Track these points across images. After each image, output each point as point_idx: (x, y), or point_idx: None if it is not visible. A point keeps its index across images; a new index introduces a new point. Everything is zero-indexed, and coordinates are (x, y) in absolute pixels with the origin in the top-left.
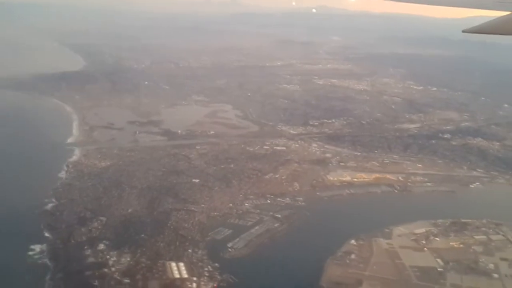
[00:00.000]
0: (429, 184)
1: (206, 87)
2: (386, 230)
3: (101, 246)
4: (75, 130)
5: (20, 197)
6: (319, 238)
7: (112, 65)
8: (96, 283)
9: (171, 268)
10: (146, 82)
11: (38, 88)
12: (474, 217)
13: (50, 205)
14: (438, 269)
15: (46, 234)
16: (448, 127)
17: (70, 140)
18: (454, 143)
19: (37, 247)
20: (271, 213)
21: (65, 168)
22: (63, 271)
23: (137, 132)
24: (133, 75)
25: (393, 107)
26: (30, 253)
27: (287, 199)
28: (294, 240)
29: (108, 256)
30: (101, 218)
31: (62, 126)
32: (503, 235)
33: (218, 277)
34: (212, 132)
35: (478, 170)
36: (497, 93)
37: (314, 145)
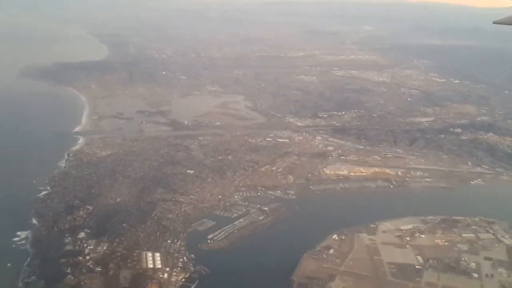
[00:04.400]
0: (428, 179)
1: (222, 77)
2: (372, 225)
3: (82, 235)
4: (84, 119)
5: (18, 184)
6: (302, 232)
7: (134, 55)
8: (68, 270)
9: (146, 258)
10: (164, 72)
11: (57, 77)
12: (467, 214)
13: (43, 193)
14: (416, 267)
15: (34, 221)
16: (462, 121)
17: (77, 129)
18: (463, 137)
19: (23, 234)
20: (258, 205)
21: (66, 156)
22: (41, 258)
23: (144, 122)
24: (152, 65)
25: (408, 99)
26: (15, 239)
27: (278, 192)
28: (276, 234)
29: (85, 245)
30: (88, 207)
31: (72, 115)
32: (493, 234)
33: (192, 268)
34: (218, 123)
35: (483, 166)
36: None
37: (318, 137)
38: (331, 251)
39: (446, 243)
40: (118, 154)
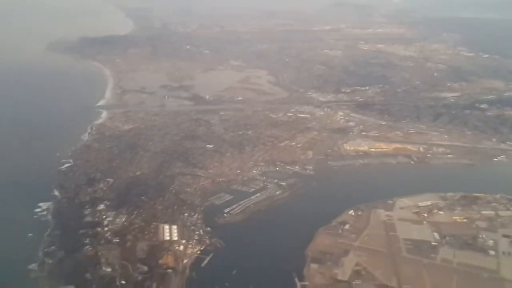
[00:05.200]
0: (450, 156)
1: (246, 52)
2: (390, 201)
3: (101, 206)
4: (107, 93)
5: (41, 156)
6: (318, 207)
7: (159, 29)
8: (87, 241)
9: (163, 231)
10: (188, 47)
11: (83, 52)
12: (488, 191)
13: (66, 165)
14: (432, 243)
15: (56, 193)
16: (488, 97)
17: (100, 102)
18: (489, 113)
19: (45, 205)
20: (276, 180)
21: (89, 130)
22: (61, 229)
23: (166, 97)
24: (177, 39)
25: (435, 74)
26: (37, 209)
27: (297, 167)
28: (292, 209)
29: (104, 216)
30: (109, 179)
31: (96, 89)
32: None
33: (207, 241)
34: (240, 98)
35: (508, 143)
36: None
37: (340, 113)
38: (347, 226)
39: (465, 220)
40: (140, 128)
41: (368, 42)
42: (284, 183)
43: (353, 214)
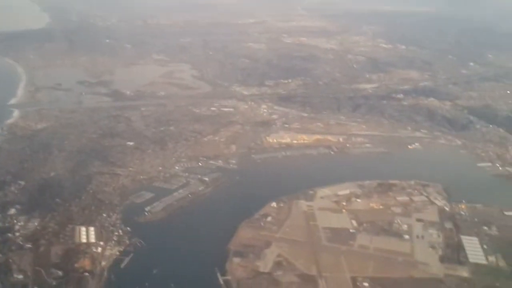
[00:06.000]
0: (368, 145)
1: (169, 46)
2: (311, 192)
3: (12, 211)
4: (20, 91)
5: None
6: (241, 201)
7: (77, 22)
8: None
9: (79, 233)
10: (108, 40)
11: None
12: (403, 178)
13: None
14: (351, 231)
15: None
16: (405, 87)
17: (12, 101)
18: (405, 103)
19: None
20: (199, 176)
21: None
22: None
23: (84, 93)
24: (96, 33)
25: (355, 66)
26: None
27: (220, 161)
28: (215, 204)
29: (15, 221)
30: (20, 182)
31: (7, 86)
32: (426, 196)
33: (127, 241)
34: (162, 93)
35: (422, 130)
36: (467, 51)
37: (264, 106)
38: (269, 218)
39: (381, 207)
40: (55, 127)
41: (292, 35)
42: (207, 178)
43: (275, 206)
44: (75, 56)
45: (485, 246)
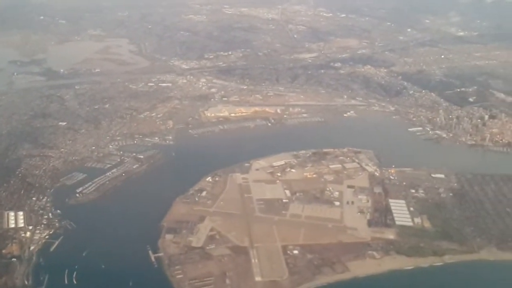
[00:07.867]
0: (305, 115)
1: (106, 21)
2: (246, 164)
3: None
4: None
5: None
6: (176, 177)
7: None
8: None
9: (7, 218)
10: (42, 17)
11: None
12: (336, 146)
13: None
14: (284, 201)
15: None
16: (343, 56)
17: None
18: (342, 71)
19: None
20: (134, 154)
21: None
22: None
23: (15, 73)
24: (29, 10)
25: (295, 36)
26: None
27: (156, 138)
28: (149, 181)
29: None
30: None
31: None
32: (358, 163)
33: (57, 224)
34: (97, 70)
35: (357, 98)
36: (404, 17)
37: (203, 80)
38: (204, 193)
39: (314, 176)
40: None
41: (233, 6)
42: (142, 156)
43: (210, 180)
44: (6, 35)
45: (411, 209)
